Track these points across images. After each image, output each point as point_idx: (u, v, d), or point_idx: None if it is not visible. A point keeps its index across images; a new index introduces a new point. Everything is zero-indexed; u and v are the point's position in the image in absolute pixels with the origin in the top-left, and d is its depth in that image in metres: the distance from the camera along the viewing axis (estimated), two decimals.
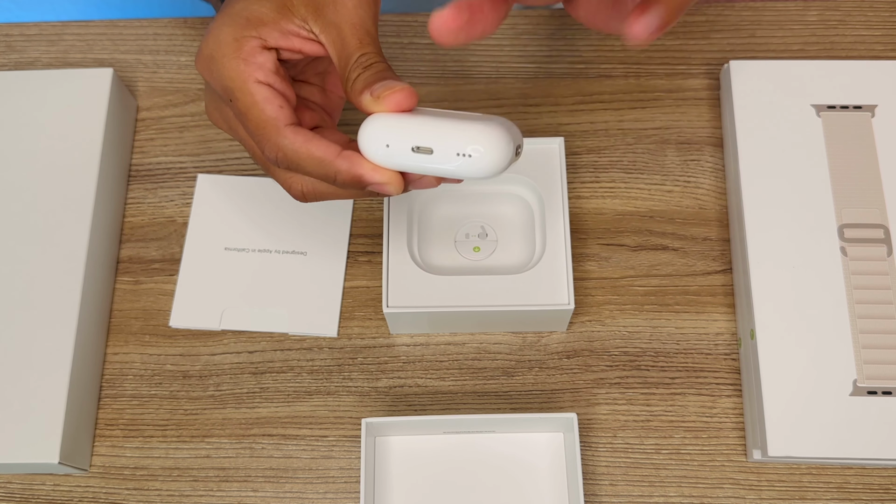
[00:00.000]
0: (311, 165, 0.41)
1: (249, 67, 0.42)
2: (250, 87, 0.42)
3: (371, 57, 0.42)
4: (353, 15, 0.43)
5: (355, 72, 0.42)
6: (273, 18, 0.43)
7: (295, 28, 0.43)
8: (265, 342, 0.57)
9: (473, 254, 0.56)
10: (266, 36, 0.43)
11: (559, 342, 0.56)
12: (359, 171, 0.41)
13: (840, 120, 0.57)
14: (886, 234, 0.54)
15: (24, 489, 0.54)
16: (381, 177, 0.41)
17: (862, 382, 0.51)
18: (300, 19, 0.43)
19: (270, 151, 0.42)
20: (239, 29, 0.43)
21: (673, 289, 0.57)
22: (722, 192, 0.60)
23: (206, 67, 0.44)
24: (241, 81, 0.42)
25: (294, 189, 0.44)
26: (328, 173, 0.41)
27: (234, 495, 0.54)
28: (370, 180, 0.41)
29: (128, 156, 0.62)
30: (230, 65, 0.43)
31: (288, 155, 0.42)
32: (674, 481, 0.53)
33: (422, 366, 0.56)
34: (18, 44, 0.65)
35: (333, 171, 0.41)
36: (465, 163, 0.39)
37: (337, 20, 0.43)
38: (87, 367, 0.54)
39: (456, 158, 0.39)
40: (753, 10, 0.64)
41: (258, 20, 0.43)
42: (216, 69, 0.43)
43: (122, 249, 0.60)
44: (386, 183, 0.41)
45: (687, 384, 0.55)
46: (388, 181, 0.41)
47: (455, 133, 0.39)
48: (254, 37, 0.43)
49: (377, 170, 0.41)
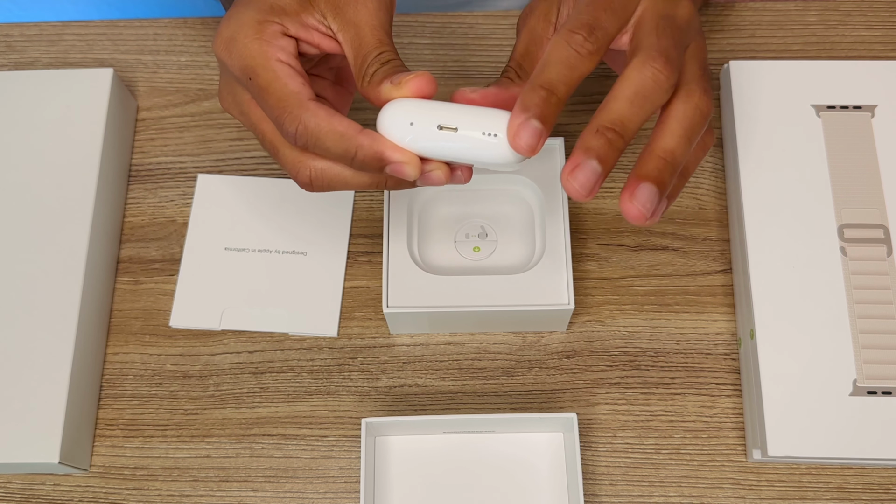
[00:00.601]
0: (331, 139, 0.41)
1: (272, 48, 0.43)
2: (272, 65, 0.42)
3: (389, 55, 0.43)
4: (372, 16, 0.43)
5: (373, 66, 0.42)
6: (295, 10, 0.43)
7: (315, 22, 0.44)
8: (265, 342, 0.57)
9: (473, 254, 0.56)
10: (288, 24, 0.43)
11: (559, 342, 0.56)
12: (380, 147, 0.40)
13: (840, 120, 0.57)
14: (886, 234, 0.54)
15: (24, 489, 0.54)
16: (402, 156, 0.40)
17: (862, 382, 0.51)
18: (320, 14, 0.44)
19: (291, 125, 0.41)
20: (263, 13, 0.43)
21: (673, 289, 0.57)
22: (722, 192, 0.60)
23: (224, 48, 0.44)
24: (264, 58, 0.42)
25: (302, 174, 0.43)
26: (349, 148, 0.41)
27: (234, 495, 0.54)
28: (391, 158, 0.40)
29: (128, 156, 0.62)
30: (252, 45, 0.43)
31: (309, 127, 0.41)
32: (674, 481, 0.53)
33: (422, 366, 0.56)
34: (18, 44, 0.65)
35: (355, 145, 0.41)
36: (490, 143, 0.40)
37: (356, 19, 0.43)
38: (87, 367, 0.54)
39: (482, 138, 0.40)
40: (753, 10, 0.64)
41: (280, 9, 0.43)
42: (236, 49, 0.43)
43: (122, 249, 0.60)
44: (406, 162, 0.40)
45: (687, 384, 0.55)
46: (409, 161, 0.40)
47: (481, 114, 0.40)
48: (276, 22, 0.43)
49: (398, 148, 0.41)
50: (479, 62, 0.63)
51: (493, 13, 0.65)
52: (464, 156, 0.41)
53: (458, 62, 0.63)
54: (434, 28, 0.64)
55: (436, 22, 0.64)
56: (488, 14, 0.65)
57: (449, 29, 0.64)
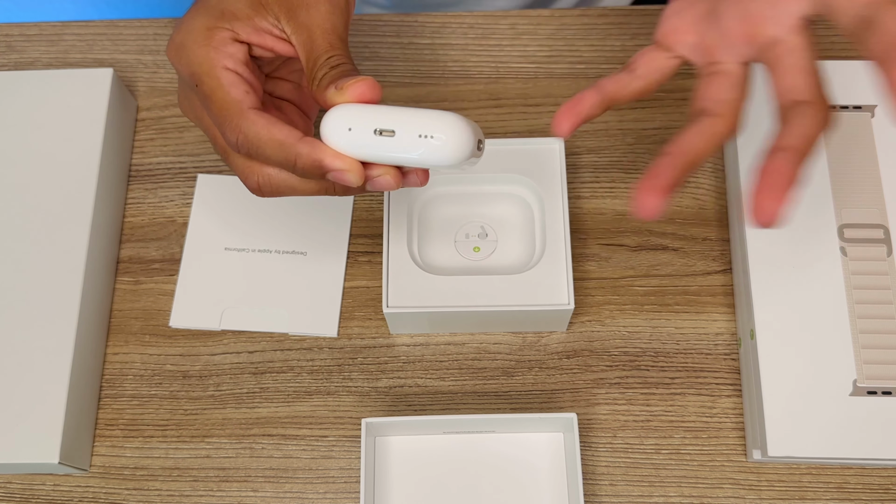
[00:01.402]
0: (271, 148, 0.41)
1: (219, 55, 0.43)
2: (217, 72, 0.43)
3: (339, 59, 0.43)
4: (325, 20, 0.43)
5: (322, 70, 0.42)
6: (247, 14, 0.44)
7: (268, 26, 0.44)
8: (265, 342, 0.57)
9: (473, 254, 0.56)
10: (239, 30, 0.44)
11: (559, 342, 0.56)
12: (319, 155, 0.40)
13: (840, 120, 0.57)
14: (886, 234, 0.54)
15: (24, 489, 0.54)
16: (342, 163, 0.40)
17: (862, 382, 0.51)
18: (273, 17, 0.44)
19: (231, 134, 0.42)
20: (212, 20, 0.43)
21: (673, 289, 0.57)
22: (722, 192, 0.60)
23: (175, 55, 0.44)
24: (209, 66, 0.43)
25: (250, 180, 0.44)
26: (288, 157, 0.41)
27: (234, 495, 0.54)
28: (330, 166, 0.40)
29: (128, 156, 0.62)
30: (199, 51, 0.43)
31: (249, 137, 0.41)
32: (674, 481, 0.53)
33: (422, 366, 0.56)
34: (18, 44, 0.65)
35: (294, 154, 0.41)
36: (428, 146, 0.39)
37: (309, 23, 0.43)
38: (87, 367, 0.54)
39: (418, 141, 0.39)
40: None
41: (232, 14, 0.43)
42: (185, 55, 0.43)
43: (122, 249, 0.60)
44: (346, 170, 0.40)
45: (687, 384, 0.55)
46: (349, 168, 0.40)
47: (418, 117, 0.40)
48: (226, 28, 0.43)
49: (338, 156, 0.40)
50: (479, 62, 0.63)
51: (494, 13, 0.65)
52: (405, 159, 0.40)
53: (457, 62, 0.63)
54: (434, 28, 0.64)
55: (436, 22, 0.64)
56: (488, 14, 0.65)
57: (449, 29, 0.64)
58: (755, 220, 0.37)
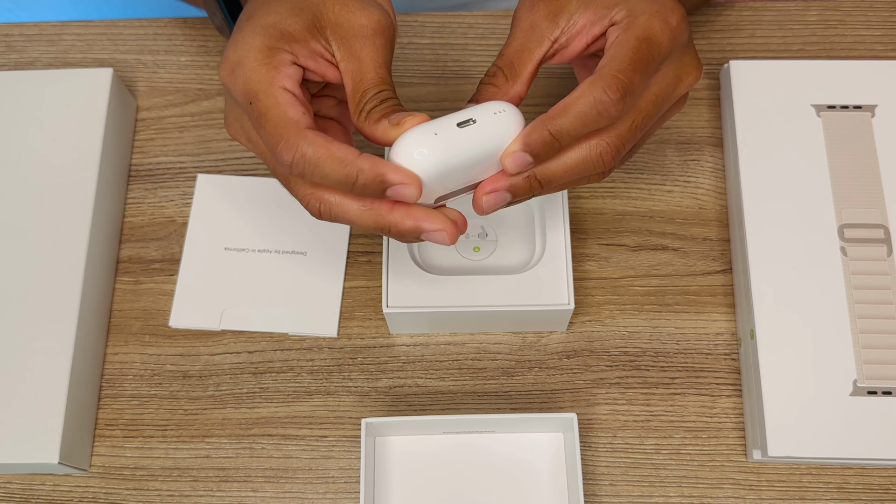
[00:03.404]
0: (330, 166, 0.41)
1: (278, 74, 0.42)
2: (274, 91, 0.42)
3: (388, 93, 0.43)
4: (378, 53, 0.43)
5: (372, 102, 0.42)
6: (304, 37, 0.43)
7: (321, 49, 0.44)
8: (265, 342, 0.57)
9: (473, 254, 0.56)
10: (297, 52, 0.43)
11: (559, 342, 0.56)
12: (381, 169, 0.40)
13: (840, 120, 0.57)
14: (886, 234, 0.54)
15: (24, 489, 0.54)
16: (403, 176, 0.40)
17: (862, 382, 0.51)
18: (326, 42, 0.44)
19: (287, 153, 0.41)
20: (272, 40, 0.43)
21: (673, 289, 0.57)
22: (722, 192, 0.60)
23: (230, 72, 0.43)
24: (267, 84, 0.42)
25: (312, 206, 0.43)
26: (349, 174, 0.40)
27: (234, 495, 0.54)
28: (392, 180, 0.40)
29: (128, 156, 0.62)
30: (258, 69, 0.42)
31: (307, 155, 0.41)
32: (674, 481, 0.53)
33: (422, 366, 0.56)
34: (18, 44, 0.65)
35: (355, 169, 0.40)
36: (504, 118, 0.42)
37: (361, 54, 0.43)
38: (87, 367, 0.54)
39: (495, 118, 0.42)
40: (753, 10, 0.64)
41: (291, 36, 0.43)
42: (241, 73, 0.43)
43: (122, 249, 0.60)
44: (406, 183, 0.40)
45: (687, 384, 0.55)
46: (409, 181, 0.40)
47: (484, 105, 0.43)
48: (286, 50, 0.43)
49: (398, 169, 0.40)
50: (479, 62, 0.63)
51: (493, 13, 0.65)
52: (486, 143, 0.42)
53: (457, 62, 0.63)
54: (434, 28, 0.64)
55: (436, 22, 0.64)
56: (488, 14, 0.65)
57: (449, 29, 0.64)
58: None
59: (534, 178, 0.43)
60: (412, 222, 0.42)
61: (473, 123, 0.42)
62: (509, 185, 0.43)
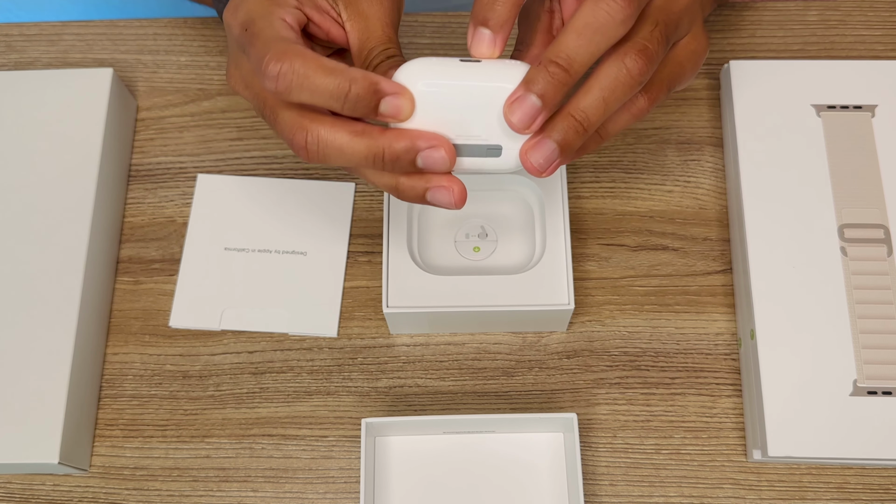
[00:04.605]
0: (321, 76, 0.38)
1: (279, 8, 0.42)
2: (272, 19, 0.41)
3: (394, 51, 0.42)
4: (385, 13, 0.43)
5: (378, 59, 0.42)
6: None
7: (328, 6, 0.43)
8: (265, 342, 0.57)
9: (473, 254, 0.56)
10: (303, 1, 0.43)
11: (559, 342, 0.56)
12: (375, 78, 0.39)
13: (840, 120, 0.57)
14: (886, 234, 0.54)
15: (24, 489, 0.54)
16: (397, 86, 0.39)
17: (862, 382, 0.51)
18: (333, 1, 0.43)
19: (275, 65, 0.38)
20: None
21: (673, 289, 0.57)
22: (722, 192, 0.60)
23: (233, 11, 0.43)
24: (267, 12, 0.42)
25: (298, 137, 0.41)
26: (341, 84, 0.38)
27: (234, 495, 0.54)
28: (386, 90, 0.39)
29: (128, 156, 0.62)
30: (261, 2, 0.42)
31: (295, 66, 0.39)
32: (674, 481, 0.53)
33: (422, 366, 0.56)
34: (18, 44, 0.65)
35: (347, 79, 0.38)
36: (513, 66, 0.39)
37: (368, 12, 0.43)
38: (87, 367, 0.54)
39: (506, 63, 0.39)
40: (753, 10, 0.64)
41: None
42: (244, 7, 0.42)
43: (122, 249, 0.60)
44: (401, 93, 0.39)
45: (687, 384, 0.55)
46: (403, 93, 0.39)
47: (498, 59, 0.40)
48: None
49: (393, 83, 0.39)
50: None
51: None
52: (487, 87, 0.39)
53: None
54: (434, 28, 0.64)
55: (436, 22, 0.64)
56: None
57: (449, 29, 0.64)
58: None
59: (569, 116, 0.39)
60: (407, 141, 0.39)
61: (478, 62, 0.40)
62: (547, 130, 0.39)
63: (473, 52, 0.40)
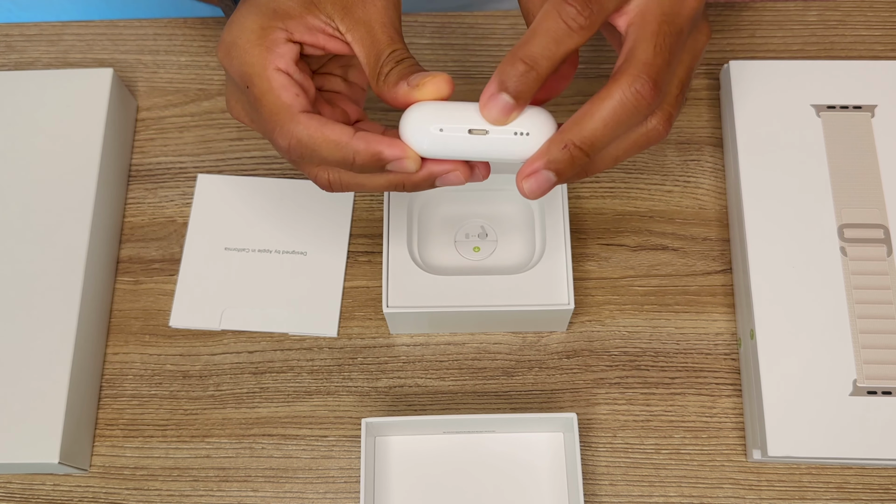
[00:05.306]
0: (326, 149, 0.41)
1: (271, 55, 0.42)
2: (268, 74, 0.42)
3: (402, 53, 0.42)
4: (382, 14, 0.43)
5: (388, 66, 0.42)
6: (299, 13, 0.43)
7: (321, 24, 0.43)
8: (265, 342, 0.57)
9: (473, 254, 0.56)
10: (292, 29, 0.43)
11: (559, 342, 0.56)
12: (376, 147, 0.40)
13: (840, 120, 0.57)
14: (886, 234, 0.54)
15: (24, 489, 0.54)
16: (399, 151, 0.40)
17: (862, 382, 0.51)
18: (326, 16, 0.43)
19: (283, 139, 0.41)
20: (265, 19, 0.43)
21: (673, 289, 0.57)
22: (722, 192, 0.60)
23: (226, 54, 0.43)
24: (261, 67, 0.42)
25: (321, 178, 0.43)
26: (346, 156, 0.41)
27: (234, 495, 0.54)
28: (389, 156, 0.40)
29: (128, 156, 0.62)
30: (252, 51, 0.42)
31: (303, 141, 0.41)
32: (674, 481, 0.53)
33: (422, 366, 0.56)
34: (18, 44, 0.65)
35: (351, 152, 0.41)
36: (522, 141, 0.40)
37: (366, 18, 0.43)
38: (87, 367, 0.54)
39: (514, 138, 0.40)
40: (753, 10, 0.64)
41: (285, 13, 0.43)
42: (237, 55, 0.43)
43: (122, 249, 0.60)
44: (404, 157, 0.40)
45: (687, 384, 0.55)
46: (406, 155, 0.40)
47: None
48: (280, 28, 0.43)
49: (393, 143, 0.40)
50: (479, 62, 0.63)
51: (493, 13, 0.65)
52: (495, 156, 0.41)
53: (457, 62, 0.63)
54: (434, 28, 0.64)
55: (436, 22, 0.64)
56: (488, 14, 0.65)
57: (449, 29, 0.64)
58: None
59: (572, 146, 0.39)
60: (425, 172, 0.42)
61: (484, 135, 0.40)
62: (547, 161, 0.40)
63: (485, 113, 0.40)
